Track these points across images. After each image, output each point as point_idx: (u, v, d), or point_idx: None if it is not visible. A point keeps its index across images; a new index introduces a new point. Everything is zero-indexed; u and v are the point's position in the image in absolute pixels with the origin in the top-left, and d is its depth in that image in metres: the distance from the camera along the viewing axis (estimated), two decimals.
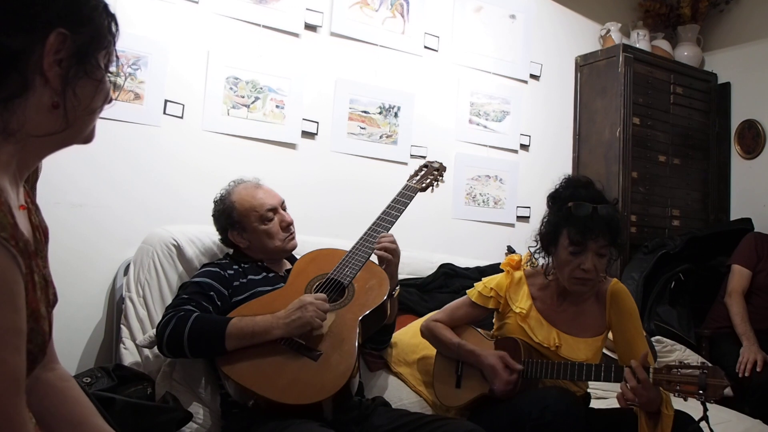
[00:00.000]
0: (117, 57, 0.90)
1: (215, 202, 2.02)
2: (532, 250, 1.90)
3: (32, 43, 0.76)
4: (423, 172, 2.19)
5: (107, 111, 0.91)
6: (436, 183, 2.18)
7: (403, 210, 2.03)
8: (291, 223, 2.01)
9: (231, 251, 2.05)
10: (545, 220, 1.87)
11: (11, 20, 0.75)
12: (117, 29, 0.88)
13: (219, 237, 2.04)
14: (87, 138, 0.88)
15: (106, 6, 0.86)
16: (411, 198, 2.06)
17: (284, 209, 2.02)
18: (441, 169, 2.21)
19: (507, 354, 1.82)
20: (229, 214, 1.96)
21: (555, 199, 1.86)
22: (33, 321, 0.77)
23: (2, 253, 0.70)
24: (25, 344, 0.73)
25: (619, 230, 1.80)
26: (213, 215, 2.02)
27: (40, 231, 0.90)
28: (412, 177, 2.17)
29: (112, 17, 0.87)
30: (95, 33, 0.83)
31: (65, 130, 0.81)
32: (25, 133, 0.79)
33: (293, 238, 2.02)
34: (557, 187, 1.89)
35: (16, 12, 0.76)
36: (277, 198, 2.01)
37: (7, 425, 0.69)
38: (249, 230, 1.95)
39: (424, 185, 2.14)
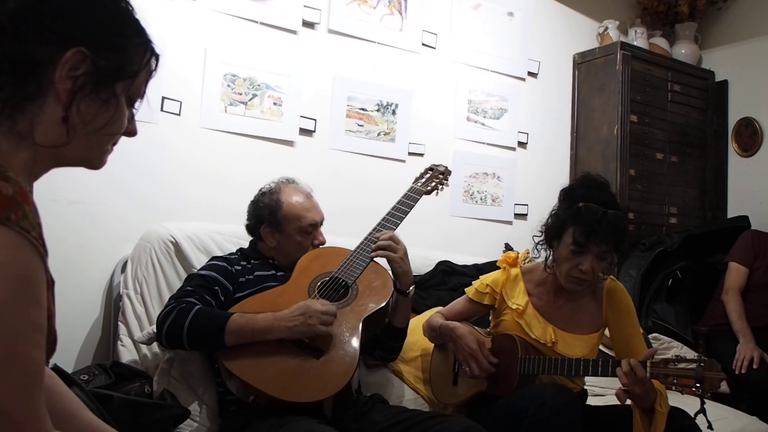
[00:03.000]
0: (144, 94, 0.90)
1: (262, 192, 1.99)
2: (536, 240, 1.91)
3: (52, 55, 0.78)
4: (428, 175, 2.19)
5: None
6: (440, 186, 2.18)
7: (408, 211, 2.02)
8: (322, 243, 1.99)
9: (243, 247, 2.03)
10: (553, 212, 1.88)
11: (35, 32, 0.77)
12: (155, 68, 0.89)
13: (246, 222, 2.00)
14: (93, 163, 0.89)
15: (148, 43, 0.87)
16: (416, 200, 2.06)
17: (321, 225, 2.00)
18: (446, 173, 2.21)
19: (486, 343, 1.85)
20: (274, 211, 1.92)
21: (568, 195, 1.86)
22: (47, 319, 0.78)
23: (32, 252, 0.72)
24: (45, 341, 0.75)
25: (624, 238, 1.80)
26: (254, 202, 1.99)
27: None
28: (417, 179, 2.17)
29: (153, 54, 0.87)
30: (123, 62, 0.84)
31: (65, 146, 0.82)
32: (33, 141, 0.80)
33: None
34: (573, 183, 1.91)
35: (40, 25, 0.78)
36: (322, 215, 1.99)
37: (30, 417, 0.71)
38: (284, 234, 1.93)
39: (429, 188, 2.14)
